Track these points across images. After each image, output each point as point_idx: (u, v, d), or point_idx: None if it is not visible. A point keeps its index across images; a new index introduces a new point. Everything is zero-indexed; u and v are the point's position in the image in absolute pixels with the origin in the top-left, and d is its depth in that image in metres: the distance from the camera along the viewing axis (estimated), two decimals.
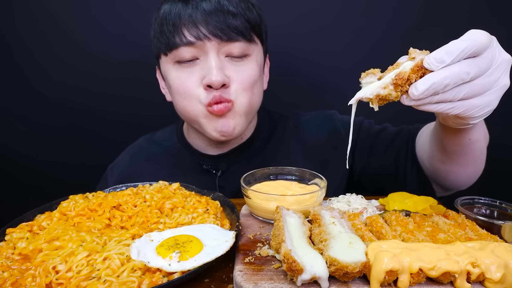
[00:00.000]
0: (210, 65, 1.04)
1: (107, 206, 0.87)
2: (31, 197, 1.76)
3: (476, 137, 0.87)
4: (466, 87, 0.64)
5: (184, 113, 1.14)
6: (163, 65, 1.13)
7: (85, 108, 1.70)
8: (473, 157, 0.96)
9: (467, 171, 1.02)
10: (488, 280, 0.60)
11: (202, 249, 0.70)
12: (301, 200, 0.87)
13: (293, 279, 0.59)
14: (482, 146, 0.95)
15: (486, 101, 0.67)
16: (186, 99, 1.10)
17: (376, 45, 1.60)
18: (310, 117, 1.36)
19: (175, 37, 1.04)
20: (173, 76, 1.10)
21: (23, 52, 1.62)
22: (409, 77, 0.63)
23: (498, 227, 0.79)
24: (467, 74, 0.62)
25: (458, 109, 0.67)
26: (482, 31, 0.63)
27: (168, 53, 1.07)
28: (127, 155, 1.37)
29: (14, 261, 0.70)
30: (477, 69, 0.63)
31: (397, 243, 0.64)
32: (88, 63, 1.64)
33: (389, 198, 0.98)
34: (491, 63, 0.64)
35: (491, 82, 0.65)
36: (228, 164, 1.26)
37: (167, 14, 1.05)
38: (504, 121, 1.68)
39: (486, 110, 0.69)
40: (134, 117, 1.69)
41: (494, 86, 0.66)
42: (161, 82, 1.25)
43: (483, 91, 0.66)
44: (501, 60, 0.65)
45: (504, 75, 0.66)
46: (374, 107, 0.68)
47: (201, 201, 0.92)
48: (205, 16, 1.02)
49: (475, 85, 0.64)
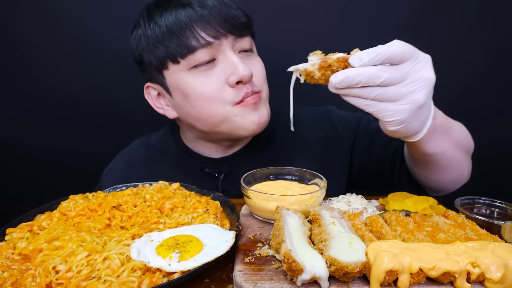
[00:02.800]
0: (233, 61, 1.02)
1: (107, 206, 0.87)
2: (31, 197, 1.76)
3: (434, 150, 0.88)
4: (378, 89, 0.70)
5: (210, 119, 1.08)
6: (171, 75, 1.06)
7: (90, 106, 1.70)
8: (441, 166, 0.96)
9: (443, 176, 1.02)
10: (488, 280, 0.60)
11: (202, 249, 0.70)
12: (301, 200, 0.87)
13: (293, 279, 0.59)
14: (449, 157, 0.94)
15: (397, 109, 0.71)
16: (212, 103, 1.04)
17: (373, 39, 1.60)
18: (308, 113, 1.33)
19: (191, 40, 0.99)
20: (193, 83, 1.03)
21: (24, 52, 1.62)
22: (332, 65, 0.70)
23: (498, 227, 0.79)
24: (378, 77, 0.68)
25: (372, 108, 0.72)
26: (405, 44, 0.69)
27: (181, 59, 1.02)
28: (121, 160, 1.32)
29: (14, 261, 0.70)
30: (388, 76, 0.68)
31: (397, 243, 0.64)
32: (95, 61, 1.64)
33: (389, 198, 0.98)
34: (406, 75, 0.69)
35: (403, 94, 0.70)
36: (231, 167, 1.23)
37: (173, 20, 1.00)
38: (504, 121, 1.68)
39: (396, 118, 0.72)
40: (141, 116, 1.66)
41: (406, 98, 0.70)
42: (156, 101, 1.18)
43: (395, 99, 0.70)
44: (418, 76, 0.70)
45: (419, 91, 0.70)
46: (301, 79, 0.76)
47: (201, 201, 0.92)
48: (215, 14, 1.00)
49: (387, 91, 0.70)
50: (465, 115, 1.04)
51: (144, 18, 1.07)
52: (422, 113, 0.74)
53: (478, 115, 1.63)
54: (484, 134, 1.62)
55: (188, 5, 1.01)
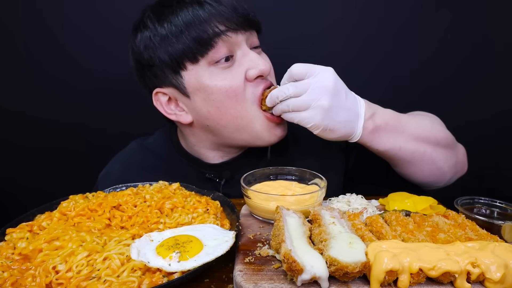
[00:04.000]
0: (251, 56, 1.04)
1: (107, 206, 0.87)
2: (31, 197, 1.76)
3: (385, 147, 1.00)
4: (292, 101, 0.91)
5: (235, 121, 1.05)
6: (191, 75, 1.02)
7: (90, 106, 1.70)
8: (406, 161, 1.04)
9: (415, 171, 1.08)
10: (488, 280, 0.60)
11: (202, 249, 0.70)
12: (301, 200, 0.87)
13: (293, 279, 0.59)
14: (410, 152, 1.02)
15: (310, 115, 0.89)
16: (239, 102, 1.03)
17: (373, 40, 1.61)
18: None
19: (210, 35, 0.98)
20: (216, 81, 1.01)
21: (24, 51, 1.62)
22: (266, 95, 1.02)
23: (498, 227, 0.79)
24: (287, 89, 0.92)
25: (295, 119, 0.92)
26: (300, 65, 0.92)
27: (201, 58, 1.00)
28: (117, 163, 1.29)
29: (14, 261, 0.70)
30: (294, 88, 0.91)
31: (397, 243, 0.64)
32: (94, 65, 1.64)
33: (389, 198, 0.98)
34: (308, 86, 0.89)
35: (310, 100, 0.89)
36: (232, 172, 1.21)
37: (191, 17, 0.99)
38: (504, 121, 1.68)
39: (312, 123, 0.90)
40: (142, 116, 1.65)
41: (313, 104, 0.89)
42: (166, 107, 1.12)
43: (305, 107, 0.90)
44: (318, 85, 0.88)
45: (321, 97, 0.88)
46: None
47: (201, 201, 0.92)
48: (231, 9, 1.01)
49: (299, 100, 0.90)
50: (465, 115, 1.05)
51: (151, 19, 1.04)
52: (337, 116, 0.90)
53: (478, 115, 1.63)
54: (485, 134, 1.63)
55: (205, 2, 1.01)
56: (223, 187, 1.20)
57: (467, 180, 1.18)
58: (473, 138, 1.06)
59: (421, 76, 1.65)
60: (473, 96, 1.66)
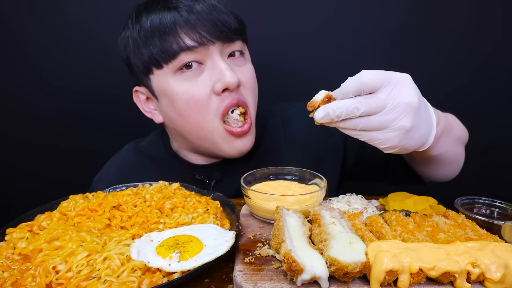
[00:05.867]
0: (220, 68, 0.98)
1: (107, 206, 0.87)
2: (31, 197, 1.76)
3: (438, 151, 0.88)
4: (362, 121, 0.71)
5: (196, 130, 1.05)
6: (157, 79, 1.03)
7: (90, 106, 1.70)
8: (443, 163, 0.98)
9: (443, 171, 1.04)
10: (488, 280, 0.60)
11: (202, 249, 0.70)
12: (301, 200, 0.87)
13: (293, 279, 0.59)
14: (451, 154, 0.95)
15: (386, 137, 0.72)
16: (200, 113, 1.00)
17: (373, 39, 1.61)
18: (297, 110, 1.30)
19: (173, 45, 0.96)
20: (179, 89, 0.99)
21: (24, 50, 1.62)
22: (320, 105, 0.74)
23: (498, 227, 0.79)
24: (357, 109, 0.69)
25: (363, 137, 0.74)
26: (372, 73, 0.68)
27: (165, 65, 0.99)
28: (112, 167, 1.29)
29: (14, 261, 0.70)
30: (367, 107, 0.69)
31: (397, 243, 0.64)
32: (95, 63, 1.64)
33: (389, 198, 0.98)
34: (385, 103, 0.68)
35: (387, 121, 0.70)
36: (222, 173, 1.21)
37: (158, 23, 0.97)
38: (504, 121, 1.68)
39: (388, 145, 0.73)
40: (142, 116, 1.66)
41: (392, 125, 0.70)
42: (144, 104, 1.15)
43: (380, 127, 0.71)
44: (398, 102, 0.68)
45: (403, 117, 0.69)
46: None
47: (201, 201, 0.92)
48: (202, 19, 0.96)
49: (371, 121, 0.70)
50: (466, 115, 1.04)
51: (132, 19, 1.04)
52: (416, 134, 0.73)
53: (478, 115, 1.63)
54: (485, 134, 1.63)
55: (175, 9, 0.97)
56: (213, 189, 1.19)
57: (467, 180, 1.18)
58: (473, 137, 1.06)
59: (421, 75, 1.65)
60: (473, 96, 1.66)
